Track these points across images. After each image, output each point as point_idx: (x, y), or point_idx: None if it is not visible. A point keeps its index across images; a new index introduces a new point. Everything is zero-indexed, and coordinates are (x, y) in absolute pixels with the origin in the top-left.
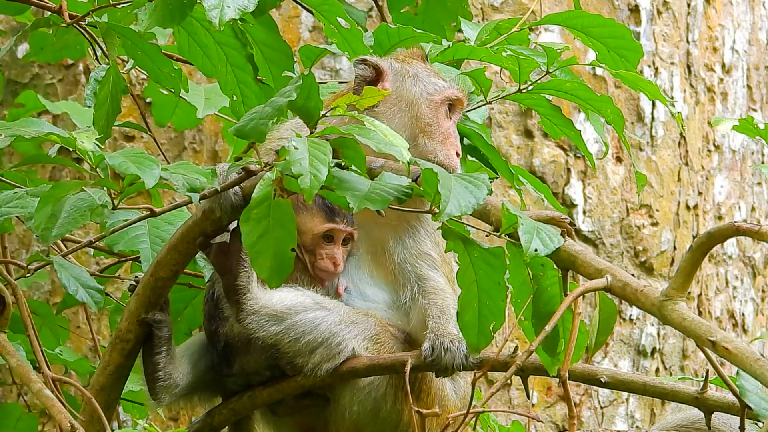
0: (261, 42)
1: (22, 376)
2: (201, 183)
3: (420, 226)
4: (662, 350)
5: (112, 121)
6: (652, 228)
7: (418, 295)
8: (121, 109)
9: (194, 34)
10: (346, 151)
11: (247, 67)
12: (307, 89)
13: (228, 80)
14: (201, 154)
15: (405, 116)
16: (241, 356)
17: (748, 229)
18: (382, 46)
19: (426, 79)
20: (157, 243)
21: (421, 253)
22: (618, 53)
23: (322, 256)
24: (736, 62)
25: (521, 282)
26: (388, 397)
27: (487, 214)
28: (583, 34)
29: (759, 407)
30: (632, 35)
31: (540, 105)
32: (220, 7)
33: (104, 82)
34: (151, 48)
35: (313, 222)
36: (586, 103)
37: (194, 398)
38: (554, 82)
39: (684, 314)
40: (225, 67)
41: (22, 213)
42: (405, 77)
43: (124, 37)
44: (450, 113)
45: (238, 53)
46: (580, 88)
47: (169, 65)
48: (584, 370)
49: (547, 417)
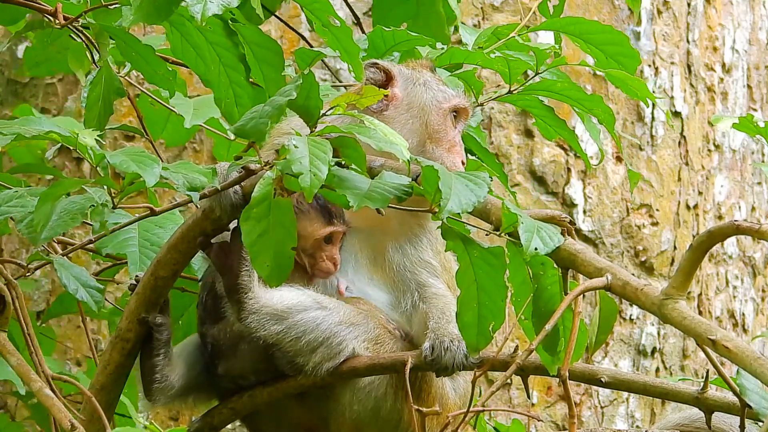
0: (252, 42)
1: (23, 375)
2: (201, 182)
3: (423, 235)
4: (662, 350)
5: (104, 122)
6: (652, 228)
7: (419, 302)
8: (113, 111)
9: (187, 35)
10: (346, 150)
11: (240, 67)
12: (307, 88)
13: (221, 81)
14: (201, 154)
15: (416, 122)
16: (226, 360)
17: (748, 227)
18: (378, 49)
19: (435, 87)
20: (146, 246)
21: (422, 261)
22: (616, 60)
23: (323, 258)
24: (736, 62)
25: (521, 281)
26: (389, 395)
27: (487, 213)
28: (581, 40)
29: (759, 406)
30: (631, 38)
31: (533, 106)
32: (203, 2)
33: (95, 83)
34: (145, 49)
35: (313, 227)
36: (577, 103)
37: (189, 399)
38: (545, 83)
39: (684, 313)
40: (218, 67)
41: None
42: (416, 84)
43: (119, 38)
44: (455, 122)
45: (230, 53)
46: (570, 88)
47: (163, 67)
48: (584, 370)
49: (548, 416)
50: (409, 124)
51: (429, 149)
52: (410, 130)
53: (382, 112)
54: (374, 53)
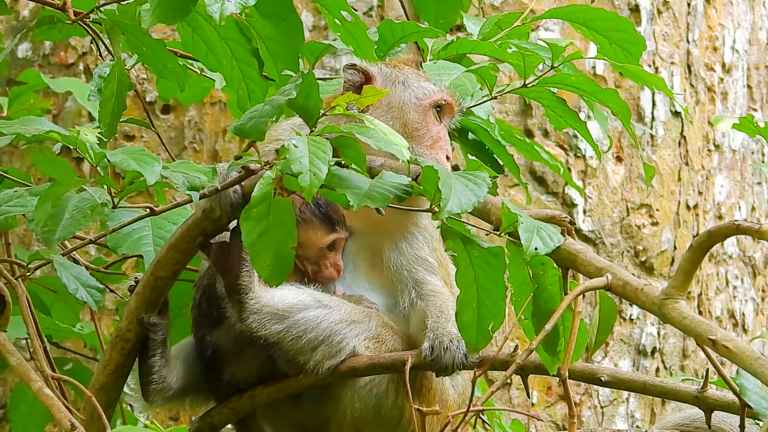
0: (266, 37)
1: (23, 375)
2: (201, 182)
3: (418, 233)
4: (662, 350)
5: (117, 118)
6: (652, 228)
7: (416, 299)
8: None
9: (198, 29)
10: (346, 149)
11: (253, 61)
12: (306, 88)
13: (233, 75)
14: (201, 154)
15: (396, 122)
16: (231, 366)
17: (748, 227)
18: (386, 41)
19: (415, 84)
20: (159, 245)
21: (418, 258)
22: (621, 46)
23: (327, 265)
24: (737, 62)
25: (521, 281)
26: (390, 393)
27: (487, 212)
28: (585, 27)
29: (759, 406)
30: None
31: (544, 98)
32: (221, 2)
33: (109, 79)
34: (155, 44)
35: (317, 235)
36: (591, 96)
37: (186, 400)
38: (559, 76)
39: (684, 313)
40: (230, 62)
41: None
42: (395, 82)
43: (128, 32)
44: (440, 117)
45: (243, 48)
46: (585, 82)
47: (173, 61)
48: (584, 369)
49: (548, 416)
50: (389, 124)
51: (410, 147)
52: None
53: (362, 112)
54: (384, 46)
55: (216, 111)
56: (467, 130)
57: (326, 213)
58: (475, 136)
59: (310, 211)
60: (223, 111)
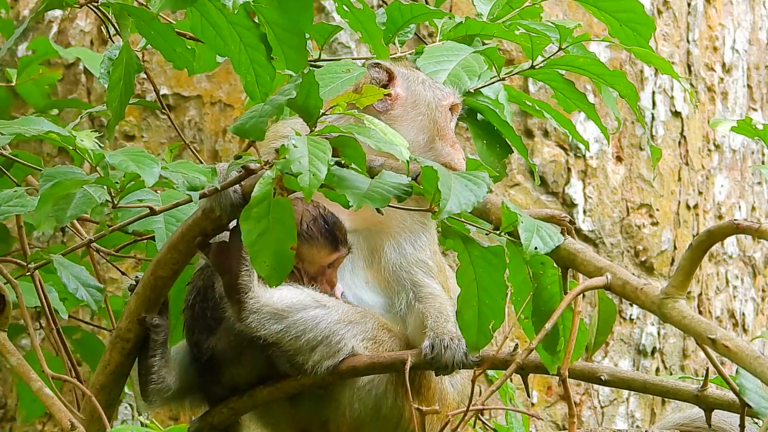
0: (273, 22)
1: (22, 374)
2: (201, 182)
3: (422, 233)
4: (662, 350)
5: (125, 102)
6: (652, 227)
7: (414, 301)
8: (134, 90)
9: (207, 14)
10: (345, 149)
11: (260, 46)
12: (306, 87)
13: (241, 60)
14: (201, 154)
15: (425, 120)
16: (231, 368)
17: (747, 227)
18: (395, 22)
19: (433, 85)
20: (171, 223)
21: (419, 260)
22: (630, 27)
23: (323, 282)
24: (737, 62)
25: (521, 280)
26: (389, 393)
27: (487, 212)
28: (594, 8)
29: (759, 405)
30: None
31: (553, 79)
32: None
33: (117, 63)
34: (163, 27)
35: (321, 254)
36: (599, 78)
37: (185, 401)
38: (567, 57)
39: (684, 312)
40: (238, 47)
41: (22, 212)
42: (416, 82)
43: (136, 16)
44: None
45: (251, 33)
46: (593, 63)
47: (182, 44)
48: (584, 368)
49: (548, 416)
50: (418, 121)
51: (438, 146)
52: (420, 128)
53: (388, 111)
54: (392, 26)
55: (216, 111)
56: (476, 110)
57: (332, 231)
58: (483, 117)
59: (316, 228)
60: (223, 111)
